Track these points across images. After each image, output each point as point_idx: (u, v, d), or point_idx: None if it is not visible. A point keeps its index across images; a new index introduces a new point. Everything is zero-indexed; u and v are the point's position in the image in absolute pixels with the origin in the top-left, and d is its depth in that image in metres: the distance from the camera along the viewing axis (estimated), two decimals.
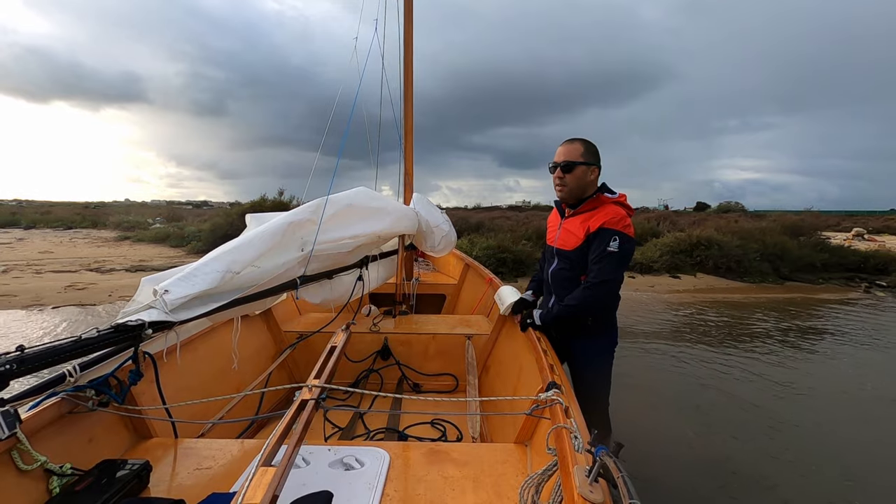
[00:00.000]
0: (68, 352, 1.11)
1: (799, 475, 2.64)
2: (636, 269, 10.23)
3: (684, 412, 3.46)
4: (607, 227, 1.81)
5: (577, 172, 1.90)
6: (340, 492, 1.14)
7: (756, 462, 2.77)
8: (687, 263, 10.50)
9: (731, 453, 2.87)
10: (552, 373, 1.51)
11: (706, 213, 29.42)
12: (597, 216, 1.87)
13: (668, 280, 9.78)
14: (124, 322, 1.25)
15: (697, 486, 2.52)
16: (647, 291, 8.60)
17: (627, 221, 1.85)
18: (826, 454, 2.87)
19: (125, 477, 1.14)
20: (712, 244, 10.60)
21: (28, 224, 21.35)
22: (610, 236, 1.79)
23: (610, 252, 1.78)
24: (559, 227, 2.06)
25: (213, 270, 1.49)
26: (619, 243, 1.79)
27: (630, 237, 1.83)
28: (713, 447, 2.94)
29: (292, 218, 1.93)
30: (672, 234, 12.20)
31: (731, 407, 3.58)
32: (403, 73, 3.53)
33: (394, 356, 2.58)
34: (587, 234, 1.87)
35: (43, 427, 1.17)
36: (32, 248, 12.99)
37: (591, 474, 0.90)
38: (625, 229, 1.81)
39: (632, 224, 1.87)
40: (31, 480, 1.09)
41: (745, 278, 10.01)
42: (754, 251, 10.51)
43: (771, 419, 3.34)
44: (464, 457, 1.36)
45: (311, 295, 2.23)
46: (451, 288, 4.02)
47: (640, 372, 4.30)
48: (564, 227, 2.01)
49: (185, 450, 1.41)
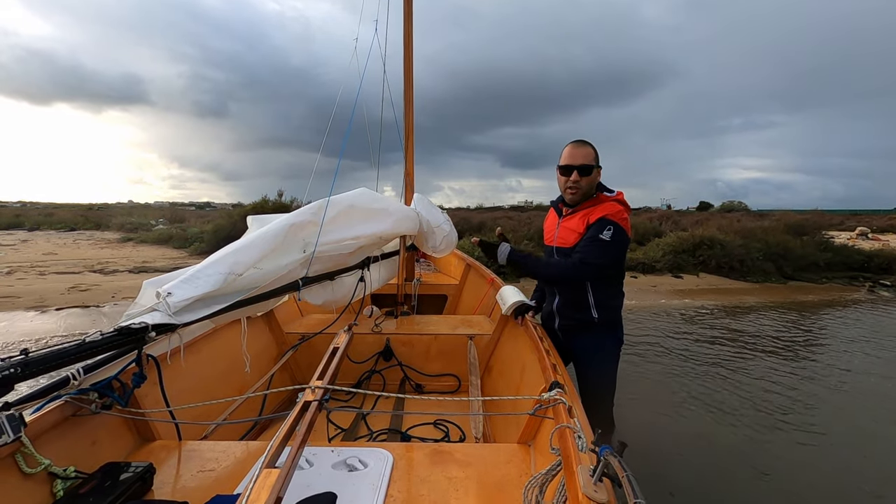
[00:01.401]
0: (72, 355, 1.11)
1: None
2: (638, 269, 10.12)
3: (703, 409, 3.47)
4: (605, 218, 1.86)
5: (593, 176, 1.94)
6: (344, 493, 1.13)
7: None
8: (689, 263, 10.43)
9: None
10: (555, 372, 1.50)
11: (709, 213, 29.27)
12: (596, 211, 1.91)
13: (671, 280, 9.67)
14: (128, 325, 1.26)
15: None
16: (649, 292, 8.58)
17: (625, 216, 1.90)
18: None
19: (129, 479, 1.14)
20: (715, 244, 10.55)
21: (32, 226, 21.45)
22: (605, 225, 1.84)
23: (601, 238, 1.83)
24: (557, 226, 2.08)
25: (215, 272, 1.49)
26: (613, 233, 1.83)
27: (624, 230, 1.86)
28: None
29: (294, 219, 1.93)
30: (675, 233, 12.14)
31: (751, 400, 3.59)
32: (404, 74, 3.53)
33: (396, 357, 2.57)
34: (587, 226, 1.91)
35: (46, 430, 1.17)
36: (36, 250, 13.00)
37: (596, 474, 0.90)
38: (621, 222, 1.86)
39: (629, 220, 1.92)
40: (34, 484, 1.09)
41: (748, 278, 9.95)
42: (757, 251, 10.45)
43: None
44: (467, 457, 1.35)
45: (313, 296, 2.23)
46: (453, 288, 4.02)
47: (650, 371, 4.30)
48: (563, 226, 2.04)
49: (188, 452, 1.41)
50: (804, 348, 5.15)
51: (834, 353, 5.03)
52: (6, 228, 20.71)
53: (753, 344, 5.28)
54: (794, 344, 5.32)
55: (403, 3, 3.50)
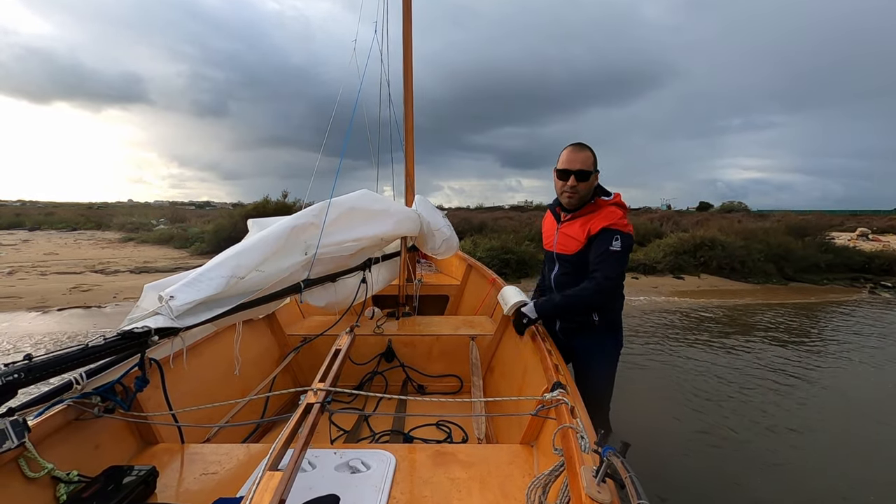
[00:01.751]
0: (75, 360, 1.11)
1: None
2: (639, 270, 10.10)
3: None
4: (609, 228, 1.87)
5: (591, 181, 1.94)
6: (347, 495, 1.14)
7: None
8: (690, 264, 10.39)
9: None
10: (557, 373, 1.50)
11: (709, 213, 29.00)
12: (596, 219, 1.91)
13: (672, 281, 9.66)
14: (131, 329, 1.25)
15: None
16: (650, 293, 8.56)
17: (626, 221, 1.91)
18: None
19: (132, 483, 1.14)
20: (716, 244, 10.50)
21: (32, 225, 21.37)
22: (612, 236, 1.85)
23: (613, 251, 1.84)
24: (556, 231, 2.09)
25: (218, 276, 1.50)
26: (621, 242, 1.85)
27: (630, 236, 1.89)
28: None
29: (295, 222, 1.93)
30: (675, 234, 12.07)
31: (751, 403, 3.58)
32: (403, 74, 3.53)
33: (398, 358, 2.57)
34: (588, 236, 1.91)
35: (49, 434, 1.17)
36: (37, 250, 13.04)
37: (599, 474, 0.90)
38: (624, 228, 1.88)
39: (630, 223, 1.93)
40: (38, 488, 1.09)
41: (749, 279, 9.91)
42: (758, 252, 10.40)
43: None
44: (470, 458, 1.35)
45: (315, 298, 2.23)
46: (454, 289, 4.02)
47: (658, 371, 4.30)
48: (563, 232, 2.04)
49: (191, 455, 1.41)
50: (806, 350, 5.13)
51: (836, 354, 5.01)
52: (7, 228, 20.69)
53: (754, 345, 5.27)
54: (796, 345, 5.30)
55: (402, 3, 3.50)
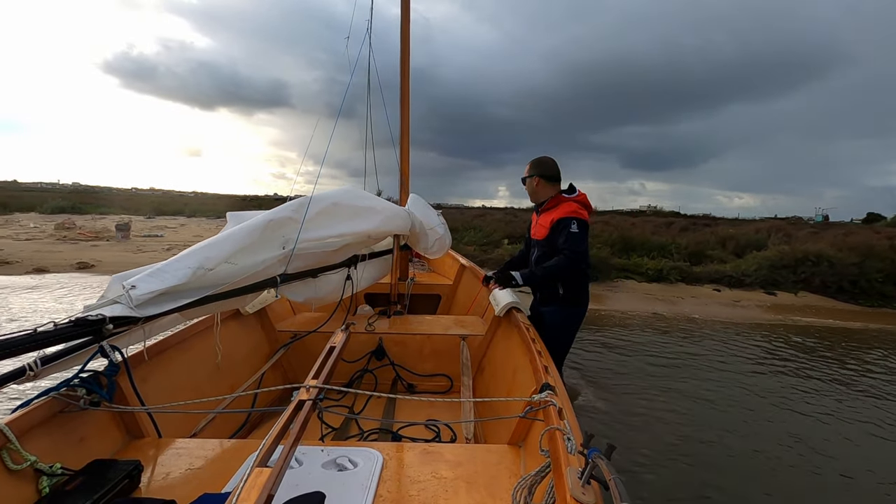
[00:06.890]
0: (21, 345, 1.07)
1: None
2: (724, 282, 9.16)
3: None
4: (565, 217, 2.44)
5: (528, 183, 2.65)
6: (333, 493, 1.13)
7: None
8: (789, 280, 9.30)
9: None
10: (546, 374, 1.51)
11: (875, 227, 21.07)
12: (556, 212, 2.49)
13: (761, 296, 8.69)
14: (84, 316, 1.22)
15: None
16: (727, 306, 7.33)
17: (580, 210, 2.47)
18: None
19: (116, 477, 1.13)
20: (822, 260, 9.29)
21: (190, 213, 26.57)
22: (569, 222, 2.42)
23: (573, 232, 2.40)
24: (535, 222, 2.69)
25: (183, 266, 1.46)
26: (577, 224, 2.41)
27: (583, 219, 2.45)
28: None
29: (272, 216, 1.90)
30: (776, 247, 10.88)
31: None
32: (402, 75, 3.53)
33: (388, 356, 2.57)
34: (552, 224, 2.48)
35: (34, 426, 1.15)
36: (189, 233, 16.58)
37: (584, 476, 0.90)
38: (578, 215, 2.43)
39: (583, 211, 2.48)
40: (20, 480, 1.07)
41: (861, 301, 8.65)
42: (877, 271, 8.97)
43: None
44: (457, 458, 1.36)
45: (294, 293, 2.21)
46: (447, 288, 4.02)
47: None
48: (538, 223, 2.63)
49: (176, 450, 1.40)
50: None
51: None
52: (173, 214, 26.12)
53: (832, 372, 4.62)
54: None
55: (402, 2, 3.50)
